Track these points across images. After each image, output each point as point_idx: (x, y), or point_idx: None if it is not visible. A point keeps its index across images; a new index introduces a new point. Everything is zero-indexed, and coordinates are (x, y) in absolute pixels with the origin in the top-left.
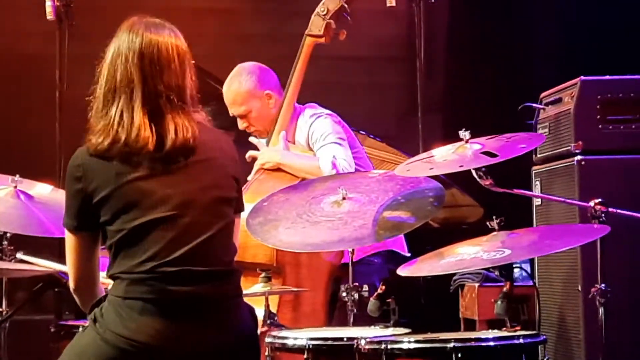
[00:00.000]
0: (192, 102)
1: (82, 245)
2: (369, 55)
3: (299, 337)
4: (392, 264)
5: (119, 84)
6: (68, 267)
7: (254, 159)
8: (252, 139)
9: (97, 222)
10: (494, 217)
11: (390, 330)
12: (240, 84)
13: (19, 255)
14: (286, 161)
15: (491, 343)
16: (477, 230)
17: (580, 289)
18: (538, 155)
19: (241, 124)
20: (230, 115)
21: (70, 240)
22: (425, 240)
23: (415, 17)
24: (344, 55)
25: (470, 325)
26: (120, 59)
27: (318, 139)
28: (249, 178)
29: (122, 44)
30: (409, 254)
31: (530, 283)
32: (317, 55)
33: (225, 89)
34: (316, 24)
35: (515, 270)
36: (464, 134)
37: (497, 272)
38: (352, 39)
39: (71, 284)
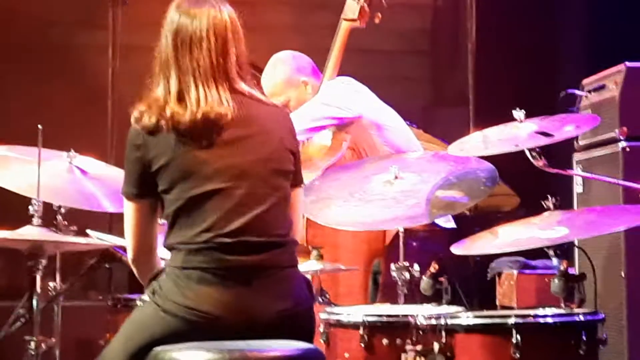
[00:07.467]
0: (240, 76)
1: (141, 213)
2: (393, 48)
3: (354, 313)
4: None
5: (163, 63)
6: (126, 237)
7: None
8: None
9: (156, 190)
10: (549, 196)
11: (444, 308)
12: (276, 74)
13: (89, 232)
14: None
15: (549, 320)
16: (511, 219)
17: (623, 275)
18: (579, 142)
19: None
20: None
21: (129, 209)
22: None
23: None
24: (368, 48)
25: None
26: (165, 39)
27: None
28: None
29: (166, 25)
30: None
31: None
32: None
33: (263, 82)
34: (351, 8)
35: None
36: (518, 114)
37: (552, 252)
38: (376, 32)
39: (130, 254)
